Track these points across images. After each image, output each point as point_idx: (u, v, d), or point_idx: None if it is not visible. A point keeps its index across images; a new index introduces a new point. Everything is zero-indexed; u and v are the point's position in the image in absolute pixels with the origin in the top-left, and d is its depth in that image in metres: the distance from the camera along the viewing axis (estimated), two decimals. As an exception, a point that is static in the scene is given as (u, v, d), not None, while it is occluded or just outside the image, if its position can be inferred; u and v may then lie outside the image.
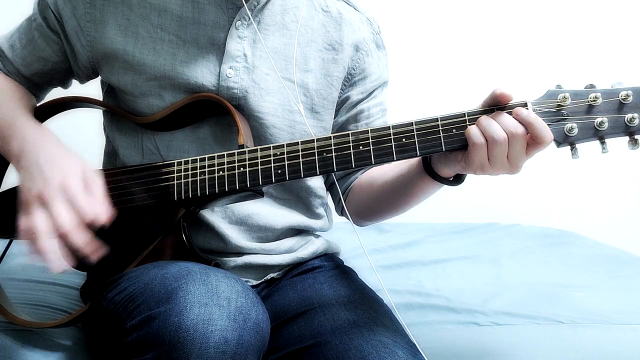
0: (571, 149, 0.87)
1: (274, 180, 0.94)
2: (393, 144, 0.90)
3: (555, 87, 0.87)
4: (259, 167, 0.95)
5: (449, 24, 2.40)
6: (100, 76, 1.12)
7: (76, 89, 1.17)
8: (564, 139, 0.86)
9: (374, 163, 0.91)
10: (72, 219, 0.86)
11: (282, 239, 1.14)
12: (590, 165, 1.96)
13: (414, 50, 2.33)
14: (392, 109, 1.23)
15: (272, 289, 1.13)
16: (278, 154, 0.94)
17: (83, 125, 1.39)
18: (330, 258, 1.21)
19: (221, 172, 0.96)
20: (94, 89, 1.16)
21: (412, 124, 0.90)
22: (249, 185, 0.95)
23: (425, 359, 0.93)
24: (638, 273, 1.61)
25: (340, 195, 1.14)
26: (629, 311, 1.32)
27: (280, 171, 0.94)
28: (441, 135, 0.88)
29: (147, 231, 1.00)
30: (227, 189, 0.96)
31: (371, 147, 0.91)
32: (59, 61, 1.11)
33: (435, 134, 0.89)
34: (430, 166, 0.96)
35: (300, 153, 0.94)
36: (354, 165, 0.92)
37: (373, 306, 1.04)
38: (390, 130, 0.90)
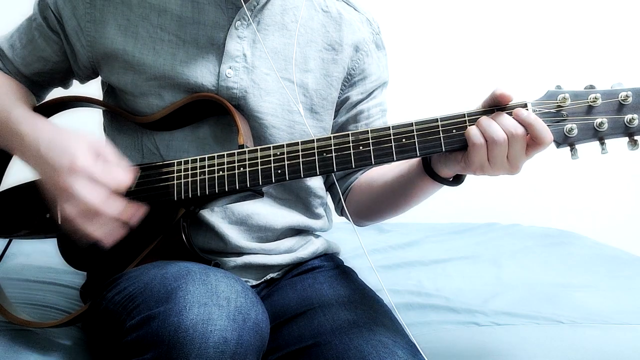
0: (571, 150, 0.87)
1: (273, 181, 0.94)
2: (393, 145, 0.90)
3: (555, 88, 0.87)
4: (259, 167, 0.95)
5: (449, 24, 2.40)
6: (100, 76, 1.12)
7: (76, 88, 1.17)
8: (563, 140, 0.86)
9: (374, 163, 0.91)
10: (98, 194, 0.87)
11: (282, 239, 1.14)
12: (590, 166, 1.96)
13: (414, 50, 2.33)
14: (392, 109, 1.23)
15: (272, 289, 1.13)
16: (278, 154, 0.94)
17: (83, 125, 1.38)
18: (330, 258, 1.20)
19: (221, 172, 0.96)
20: (94, 89, 1.16)
21: (412, 124, 0.90)
22: (248, 185, 0.95)
23: (425, 359, 0.93)
24: (638, 273, 1.61)
25: (340, 196, 1.14)
26: (629, 311, 1.32)
27: (280, 171, 0.94)
28: (441, 135, 0.88)
29: (147, 231, 1.00)
30: (227, 189, 0.96)
31: (371, 148, 0.91)
32: (59, 61, 1.11)
33: (435, 134, 0.89)
34: (430, 166, 0.96)
35: (300, 153, 0.93)
36: (354, 166, 0.92)
37: (373, 306, 1.04)
38: (390, 131, 0.90)
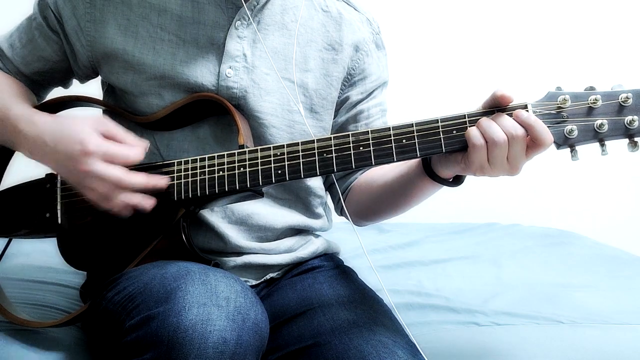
0: (571, 151, 0.86)
1: (274, 181, 0.94)
2: (393, 145, 0.90)
3: (556, 89, 0.87)
4: (259, 168, 0.95)
5: (449, 25, 2.40)
6: (100, 76, 1.12)
7: (76, 88, 1.17)
8: (563, 141, 0.85)
9: (374, 164, 0.91)
10: (117, 169, 0.91)
11: (282, 238, 1.14)
12: (590, 166, 1.96)
13: (414, 50, 2.33)
14: (392, 109, 1.23)
15: (272, 289, 1.13)
16: (278, 154, 0.94)
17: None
18: (330, 258, 1.20)
19: (221, 172, 0.96)
20: (94, 88, 1.16)
21: (413, 125, 0.90)
22: (249, 186, 0.95)
23: (425, 359, 0.93)
24: (638, 273, 1.61)
25: (339, 196, 1.14)
26: (629, 311, 1.32)
27: (280, 171, 0.94)
28: (441, 136, 0.88)
29: (147, 231, 1.00)
30: (227, 189, 0.96)
31: (371, 148, 0.91)
32: (58, 61, 1.11)
33: (436, 135, 0.88)
34: (430, 167, 0.96)
35: (301, 153, 0.93)
36: (354, 166, 0.92)
37: (373, 306, 1.04)
38: (391, 132, 0.90)
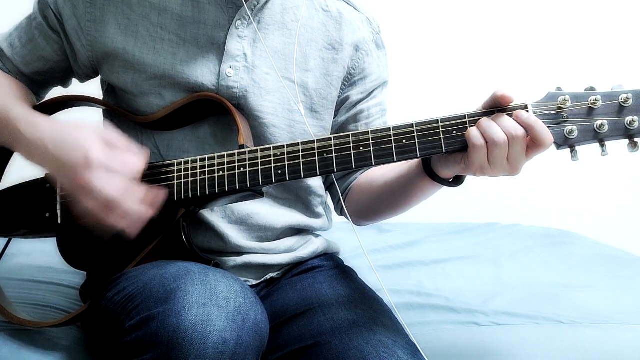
0: (571, 152, 0.86)
1: (274, 181, 0.94)
2: (393, 145, 0.90)
3: (556, 90, 0.87)
4: (259, 168, 0.94)
5: (449, 25, 2.40)
6: (100, 75, 1.12)
7: (76, 88, 1.17)
8: (564, 142, 0.85)
9: (374, 164, 0.91)
10: (118, 184, 0.88)
11: (282, 238, 1.14)
12: (590, 167, 1.96)
13: (414, 50, 2.33)
14: (392, 109, 1.23)
15: (272, 289, 1.13)
16: (278, 154, 0.94)
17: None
18: (330, 258, 1.20)
19: (221, 172, 0.96)
20: (94, 88, 1.16)
21: (413, 125, 0.90)
22: (249, 186, 0.95)
23: (425, 359, 0.93)
24: (638, 273, 1.61)
25: (339, 195, 1.14)
26: (629, 311, 1.32)
27: (280, 171, 0.94)
28: (441, 136, 0.88)
29: (147, 231, 1.00)
30: (227, 189, 0.95)
31: (371, 148, 0.91)
32: (59, 60, 1.10)
33: (436, 135, 0.88)
34: (430, 167, 0.96)
35: (301, 153, 0.93)
36: (354, 166, 0.92)
37: (373, 306, 1.04)
38: (391, 132, 0.90)
